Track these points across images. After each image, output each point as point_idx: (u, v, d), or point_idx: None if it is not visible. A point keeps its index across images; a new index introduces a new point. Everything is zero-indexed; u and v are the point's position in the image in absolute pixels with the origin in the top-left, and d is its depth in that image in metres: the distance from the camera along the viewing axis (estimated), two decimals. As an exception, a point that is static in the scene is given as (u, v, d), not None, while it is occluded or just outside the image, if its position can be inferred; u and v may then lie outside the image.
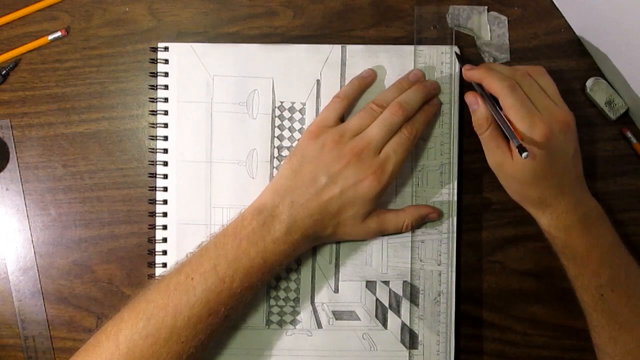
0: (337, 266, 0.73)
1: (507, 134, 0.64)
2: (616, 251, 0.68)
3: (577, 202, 0.67)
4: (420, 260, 0.73)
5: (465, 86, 0.73)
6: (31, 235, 0.75)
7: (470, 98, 0.69)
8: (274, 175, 0.73)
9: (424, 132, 0.72)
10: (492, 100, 0.67)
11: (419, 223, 0.73)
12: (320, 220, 0.67)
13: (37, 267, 0.75)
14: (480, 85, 0.69)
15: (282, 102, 0.74)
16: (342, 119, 0.71)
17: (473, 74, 0.69)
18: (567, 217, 0.67)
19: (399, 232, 0.72)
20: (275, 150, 0.74)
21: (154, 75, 0.74)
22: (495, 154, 0.68)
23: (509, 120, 0.65)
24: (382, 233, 0.72)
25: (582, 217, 0.67)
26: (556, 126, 0.65)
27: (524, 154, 0.60)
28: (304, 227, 0.66)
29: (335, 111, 0.71)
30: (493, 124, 0.67)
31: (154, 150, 0.74)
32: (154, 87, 0.74)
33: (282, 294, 0.73)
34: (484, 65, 0.70)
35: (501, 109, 0.66)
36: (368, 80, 0.73)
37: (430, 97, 0.73)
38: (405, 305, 0.73)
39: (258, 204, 0.68)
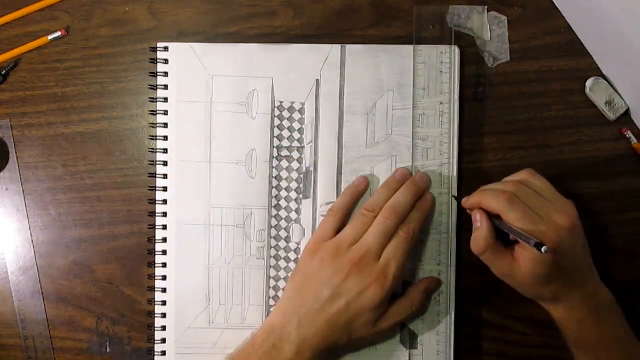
0: None
1: (522, 239, 0.63)
2: (628, 342, 0.68)
3: (589, 295, 0.67)
4: (420, 260, 0.73)
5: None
6: (31, 235, 0.75)
7: (476, 215, 0.68)
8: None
9: (422, 227, 0.72)
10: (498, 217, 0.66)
11: (425, 299, 0.73)
12: (330, 335, 0.66)
13: (37, 267, 0.75)
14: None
15: (281, 102, 0.74)
16: (338, 232, 0.71)
17: (472, 202, 0.68)
18: (580, 311, 0.67)
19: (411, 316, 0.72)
20: (275, 150, 0.74)
21: (154, 75, 0.74)
22: (501, 267, 0.67)
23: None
24: (397, 326, 0.72)
25: (595, 309, 0.67)
26: (562, 229, 0.64)
27: (544, 249, 0.60)
28: (314, 345, 0.66)
29: (330, 226, 0.70)
30: (491, 247, 0.67)
31: (154, 150, 0.74)
32: (154, 87, 0.74)
33: None
34: (478, 190, 0.69)
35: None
36: (360, 189, 0.73)
37: (422, 192, 0.72)
38: None
39: (268, 326, 0.68)
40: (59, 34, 0.75)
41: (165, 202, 0.73)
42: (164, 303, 0.73)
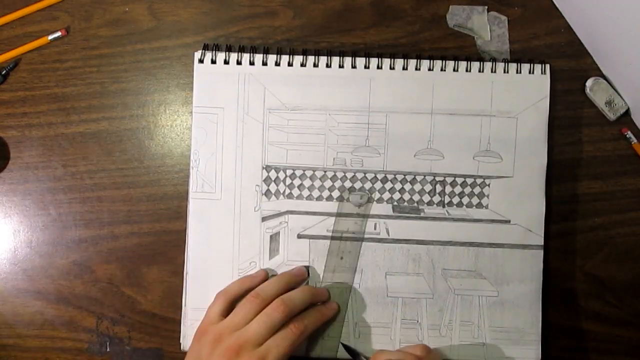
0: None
1: None
2: None
3: None
4: None
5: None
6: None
7: None
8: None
9: (314, 330, 0.71)
10: None
11: None
12: None
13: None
14: None
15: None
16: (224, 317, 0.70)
17: None
18: None
19: None
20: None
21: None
22: None
23: None
24: None
25: None
26: None
27: None
28: None
29: (217, 310, 0.70)
30: None
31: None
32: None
33: None
34: (376, 353, 0.70)
35: None
36: (255, 280, 0.72)
37: (318, 300, 0.72)
38: None
39: None
40: (59, 34, 0.75)
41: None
42: None
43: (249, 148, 0.74)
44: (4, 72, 0.75)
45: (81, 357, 0.75)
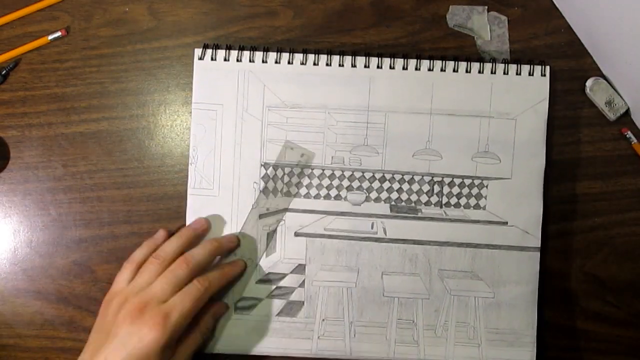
0: None
1: None
2: None
3: None
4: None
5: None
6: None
7: None
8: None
9: (219, 288, 0.71)
10: None
11: (212, 323, 0.73)
12: None
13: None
14: None
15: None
16: None
17: None
18: None
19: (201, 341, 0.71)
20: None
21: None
22: None
23: None
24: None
25: None
26: None
27: None
28: None
29: (125, 277, 0.69)
30: None
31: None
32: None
33: None
34: None
35: None
36: (158, 242, 0.72)
37: (225, 252, 0.73)
38: None
39: None
40: (59, 34, 0.75)
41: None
42: None
43: (248, 145, 0.74)
44: (4, 72, 0.75)
45: (81, 357, 0.75)
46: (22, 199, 0.75)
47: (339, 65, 0.74)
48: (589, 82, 0.74)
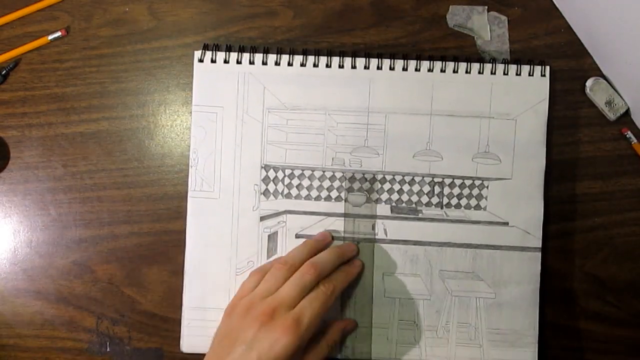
0: None
1: None
2: None
3: None
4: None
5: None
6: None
7: None
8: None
9: (343, 290, 0.71)
10: None
11: (340, 339, 0.73)
12: None
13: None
14: None
15: None
16: None
17: None
18: None
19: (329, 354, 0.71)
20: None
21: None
22: None
23: None
24: None
25: None
26: None
27: None
28: None
29: (250, 285, 0.69)
30: None
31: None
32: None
33: None
34: None
35: None
36: (323, 244, 0.73)
37: (347, 259, 0.73)
38: None
39: None
40: (59, 34, 0.75)
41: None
42: None
43: (248, 147, 0.74)
44: (4, 72, 0.75)
45: (81, 357, 0.75)
46: (22, 199, 0.75)
47: (339, 66, 0.74)
48: (589, 82, 0.74)
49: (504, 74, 0.73)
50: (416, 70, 0.73)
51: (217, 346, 0.66)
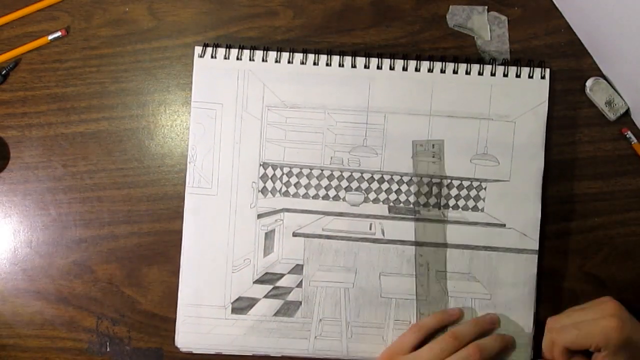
0: None
1: None
2: None
3: None
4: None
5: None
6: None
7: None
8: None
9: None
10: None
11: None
12: None
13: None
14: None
15: None
16: (414, 349, 0.71)
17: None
18: None
19: None
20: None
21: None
22: None
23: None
24: None
25: None
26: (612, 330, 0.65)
27: None
28: None
29: (409, 340, 0.71)
30: None
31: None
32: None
33: None
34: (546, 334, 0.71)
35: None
36: (453, 319, 0.73)
37: (504, 349, 0.73)
38: None
39: None
40: (59, 34, 0.75)
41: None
42: None
43: (247, 145, 0.74)
44: (4, 72, 0.75)
45: (81, 357, 0.75)
46: (22, 199, 0.75)
47: (339, 65, 0.74)
48: (589, 82, 0.74)
49: (504, 75, 0.73)
50: (416, 70, 0.73)
51: None
